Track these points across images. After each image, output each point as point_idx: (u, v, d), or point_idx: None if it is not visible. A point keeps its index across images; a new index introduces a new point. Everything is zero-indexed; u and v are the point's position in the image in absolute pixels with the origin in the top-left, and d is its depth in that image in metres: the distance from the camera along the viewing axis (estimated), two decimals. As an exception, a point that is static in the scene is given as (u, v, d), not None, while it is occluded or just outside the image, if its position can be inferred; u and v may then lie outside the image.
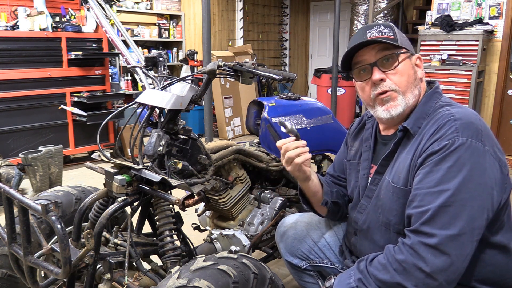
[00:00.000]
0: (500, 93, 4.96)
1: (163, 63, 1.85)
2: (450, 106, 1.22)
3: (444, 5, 5.10)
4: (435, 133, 1.15)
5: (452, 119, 1.14)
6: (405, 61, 1.26)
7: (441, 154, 1.10)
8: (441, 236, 1.05)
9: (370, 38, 1.24)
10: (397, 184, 1.21)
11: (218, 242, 1.99)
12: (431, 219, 1.07)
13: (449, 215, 1.06)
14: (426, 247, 1.06)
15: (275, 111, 2.10)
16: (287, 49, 8.99)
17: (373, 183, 1.34)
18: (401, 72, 1.25)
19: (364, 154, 1.42)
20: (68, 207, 1.76)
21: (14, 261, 1.48)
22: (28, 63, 4.11)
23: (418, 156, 1.17)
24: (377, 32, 1.25)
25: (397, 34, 1.26)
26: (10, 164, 3.48)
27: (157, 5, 6.82)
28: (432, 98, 1.27)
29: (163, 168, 1.60)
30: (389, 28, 1.26)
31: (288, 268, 1.69)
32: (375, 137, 1.41)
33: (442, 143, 1.11)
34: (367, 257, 1.21)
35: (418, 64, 1.30)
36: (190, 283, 1.17)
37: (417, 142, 1.20)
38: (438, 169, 1.10)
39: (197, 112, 5.91)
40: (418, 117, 1.24)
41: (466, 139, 1.09)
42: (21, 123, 4.13)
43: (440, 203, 1.07)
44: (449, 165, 1.08)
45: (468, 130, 1.11)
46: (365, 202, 1.36)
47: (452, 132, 1.11)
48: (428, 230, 1.07)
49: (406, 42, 1.28)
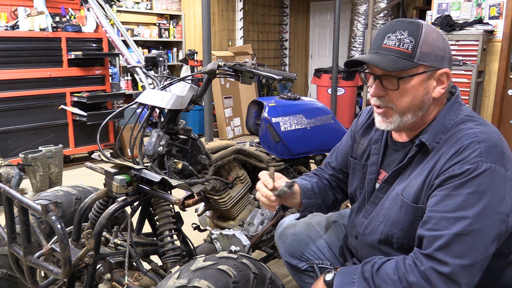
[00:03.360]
0: (500, 93, 4.96)
1: (163, 63, 1.85)
2: (473, 123, 1.14)
3: (444, 5, 5.10)
4: (457, 154, 1.09)
5: (476, 140, 1.08)
6: (414, 79, 1.14)
7: (463, 178, 1.05)
8: (454, 266, 1.02)
9: (385, 45, 1.15)
10: (407, 199, 1.17)
11: (218, 242, 1.99)
12: (446, 246, 1.04)
13: (464, 244, 1.03)
14: (438, 275, 1.04)
15: (275, 111, 2.10)
16: (287, 49, 8.99)
17: (381, 190, 1.30)
18: (403, 92, 1.15)
19: (372, 157, 1.37)
20: (68, 207, 1.76)
21: (14, 261, 1.48)
22: (28, 63, 4.11)
23: (435, 175, 1.11)
24: (395, 41, 1.14)
25: (420, 45, 1.12)
26: (10, 164, 3.48)
27: (157, 5, 6.82)
28: (453, 109, 1.19)
29: (163, 168, 1.60)
30: (412, 37, 1.12)
31: (287, 269, 1.69)
32: (386, 141, 1.36)
33: (465, 167, 1.06)
34: (373, 263, 1.17)
35: (441, 80, 1.17)
36: (190, 283, 1.17)
37: (435, 159, 1.14)
38: (458, 194, 1.05)
39: (197, 112, 5.91)
40: (437, 132, 1.17)
41: (490, 165, 1.05)
42: (21, 123, 4.13)
43: (457, 231, 1.03)
44: (470, 191, 1.04)
45: (492, 155, 1.06)
46: (371, 208, 1.33)
47: (476, 156, 1.06)
48: (442, 257, 1.04)
49: (431, 55, 1.14)
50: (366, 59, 1.16)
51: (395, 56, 1.14)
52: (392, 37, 1.14)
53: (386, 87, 1.18)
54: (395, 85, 1.15)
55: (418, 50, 1.12)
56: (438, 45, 1.15)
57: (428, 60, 1.14)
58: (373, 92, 1.20)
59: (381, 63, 1.13)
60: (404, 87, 1.15)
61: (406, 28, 1.14)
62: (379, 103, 1.21)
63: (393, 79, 1.15)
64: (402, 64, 1.13)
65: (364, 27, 6.76)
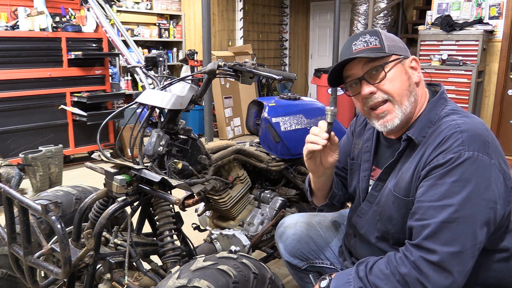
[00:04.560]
0: (500, 93, 4.96)
1: (163, 63, 1.85)
2: (457, 115, 1.17)
3: (444, 5, 5.10)
4: (440, 144, 1.11)
5: (458, 130, 1.10)
6: (396, 67, 1.21)
7: (446, 167, 1.07)
8: (443, 253, 1.04)
9: (355, 50, 1.21)
10: (399, 194, 1.20)
11: (218, 242, 1.99)
12: (433, 234, 1.05)
13: (451, 231, 1.04)
14: (428, 264, 1.05)
15: (275, 111, 2.10)
16: (287, 49, 8.99)
17: (375, 188, 1.32)
18: (391, 79, 1.20)
19: (365, 155, 1.40)
20: (68, 207, 1.76)
21: (14, 261, 1.48)
22: (28, 63, 4.11)
23: (421, 167, 1.14)
24: (362, 43, 1.21)
25: (384, 40, 1.22)
26: (10, 164, 3.48)
27: (157, 5, 6.82)
28: (438, 104, 1.23)
29: (163, 168, 1.60)
30: (375, 36, 1.21)
31: (287, 268, 1.69)
32: (377, 138, 1.38)
33: (448, 156, 1.08)
34: (366, 262, 1.19)
35: (414, 67, 1.25)
36: (190, 283, 1.17)
37: (421, 152, 1.16)
38: (442, 183, 1.07)
39: (197, 112, 5.91)
40: (423, 126, 1.20)
41: (472, 153, 1.06)
42: (21, 123, 4.13)
43: (443, 218, 1.05)
44: (454, 179, 1.06)
45: (475, 143, 1.08)
46: (366, 207, 1.35)
47: (459, 145, 1.08)
48: (430, 246, 1.05)
49: (396, 47, 1.23)
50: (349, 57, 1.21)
51: (370, 51, 1.20)
52: (357, 42, 1.22)
53: (374, 81, 1.21)
54: (382, 73, 1.20)
55: (385, 44, 1.21)
56: (395, 39, 1.26)
57: (395, 51, 1.22)
58: (365, 92, 1.22)
59: (365, 54, 1.19)
60: (390, 73, 1.21)
61: (365, 33, 1.23)
62: (374, 101, 1.23)
63: (379, 68, 1.20)
64: (380, 53, 1.20)
65: (364, 27, 6.76)
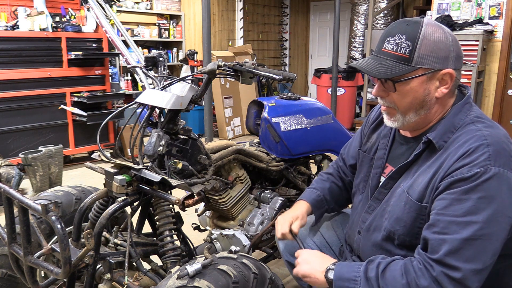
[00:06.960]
0: (500, 93, 4.96)
1: (163, 63, 1.85)
2: (482, 124, 1.14)
3: (444, 5, 5.10)
4: (465, 156, 1.08)
5: (485, 143, 1.08)
6: (414, 81, 1.15)
7: (472, 182, 1.05)
8: (465, 271, 1.03)
9: (384, 49, 1.17)
10: (412, 197, 1.17)
11: (218, 242, 1.99)
12: (456, 251, 1.04)
13: (475, 249, 1.03)
14: (450, 280, 1.04)
15: (275, 111, 2.10)
16: (287, 49, 8.99)
17: (385, 186, 1.30)
18: (403, 94, 1.17)
19: (380, 151, 1.38)
20: (68, 207, 1.76)
21: (14, 261, 1.48)
22: (28, 63, 4.11)
23: (442, 176, 1.11)
24: (393, 45, 1.15)
25: (419, 48, 1.12)
26: (10, 164, 3.48)
27: (157, 5, 6.82)
28: (463, 109, 1.19)
29: (163, 168, 1.60)
30: (410, 42, 1.12)
31: (288, 268, 1.69)
32: (394, 135, 1.36)
33: (474, 170, 1.05)
34: (378, 262, 1.15)
35: (444, 80, 1.16)
36: (190, 283, 1.17)
37: (442, 158, 1.13)
38: (468, 199, 1.05)
39: (197, 112, 5.91)
40: (445, 131, 1.17)
41: (499, 169, 1.05)
42: (21, 123, 4.13)
43: (467, 235, 1.03)
44: (480, 195, 1.04)
45: (501, 158, 1.06)
46: (374, 204, 1.33)
47: (485, 160, 1.05)
48: (453, 262, 1.03)
49: (432, 57, 1.13)
50: (362, 66, 1.19)
51: (392, 61, 1.15)
52: (391, 41, 1.16)
53: (387, 89, 1.20)
54: (392, 89, 1.18)
55: (415, 54, 1.13)
56: (440, 45, 1.14)
57: (427, 63, 1.13)
58: (375, 92, 1.24)
59: (374, 70, 1.16)
60: (402, 89, 1.17)
61: (405, 31, 1.14)
62: (382, 102, 1.25)
63: (390, 82, 1.17)
64: (398, 69, 1.14)
65: (364, 27, 6.76)
